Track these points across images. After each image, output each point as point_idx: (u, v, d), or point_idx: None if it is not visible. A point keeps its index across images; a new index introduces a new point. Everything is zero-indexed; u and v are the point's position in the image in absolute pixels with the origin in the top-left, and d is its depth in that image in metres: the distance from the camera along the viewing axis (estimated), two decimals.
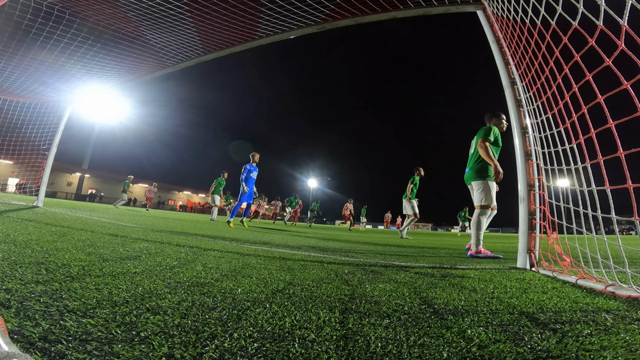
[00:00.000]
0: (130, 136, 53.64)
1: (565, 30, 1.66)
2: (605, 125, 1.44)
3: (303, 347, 0.70)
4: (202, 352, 0.64)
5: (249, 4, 3.43)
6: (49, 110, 6.61)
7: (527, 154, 2.47)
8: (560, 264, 2.03)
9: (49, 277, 1.10)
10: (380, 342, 0.75)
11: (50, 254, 1.52)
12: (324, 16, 3.62)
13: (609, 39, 1.32)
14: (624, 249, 1.43)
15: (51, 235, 2.21)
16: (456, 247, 4.86)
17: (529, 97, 2.37)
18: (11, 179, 26.73)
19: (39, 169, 6.56)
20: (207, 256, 1.97)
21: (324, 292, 1.23)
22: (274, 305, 1.00)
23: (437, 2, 3.14)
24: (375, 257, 2.60)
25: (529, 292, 1.40)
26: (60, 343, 0.63)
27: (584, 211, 1.65)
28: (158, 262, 1.62)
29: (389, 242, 5.31)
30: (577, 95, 1.66)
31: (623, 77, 1.31)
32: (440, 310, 1.04)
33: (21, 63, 4.83)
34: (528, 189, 2.40)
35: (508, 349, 0.73)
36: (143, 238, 2.69)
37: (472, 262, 2.59)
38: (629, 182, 1.34)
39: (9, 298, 0.85)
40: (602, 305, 1.20)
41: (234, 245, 2.75)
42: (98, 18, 3.94)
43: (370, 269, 1.90)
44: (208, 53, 4.70)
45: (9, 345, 0.49)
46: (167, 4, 3.46)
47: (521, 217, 2.39)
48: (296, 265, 1.86)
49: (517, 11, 2.21)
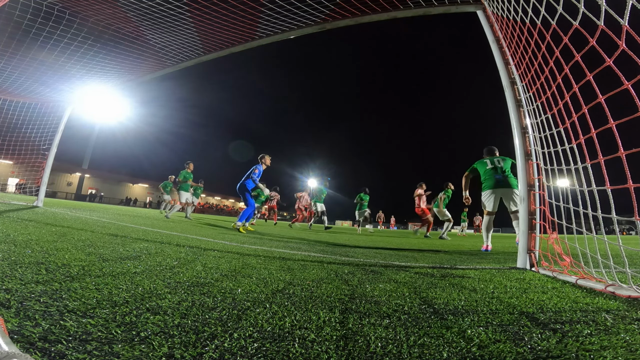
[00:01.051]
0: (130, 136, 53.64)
1: (565, 30, 1.66)
2: (606, 125, 1.44)
3: (303, 347, 0.70)
4: (202, 352, 0.64)
5: (249, 4, 3.43)
6: (49, 110, 6.61)
7: (527, 154, 2.47)
8: (560, 264, 2.03)
9: (49, 277, 1.10)
10: (380, 342, 0.75)
11: (50, 254, 1.52)
12: (324, 16, 3.62)
13: (609, 39, 1.32)
14: (624, 249, 1.43)
15: (51, 235, 2.21)
16: (456, 247, 4.86)
17: (529, 97, 2.37)
18: (11, 179, 26.74)
19: (39, 169, 6.55)
20: (207, 256, 1.97)
21: (324, 292, 1.23)
22: (274, 305, 1.00)
23: (437, 2, 3.14)
24: (375, 257, 2.60)
25: (529, 292, 1.40)
26: (60, 343, 0.63)
27: (584, 211, 1.65)
28: (158, 262, 1.62)
29: (389, 242, 5.31)
30: (577, 95, 1.66)
31: (624, 77, 1.31)
32: (440, 310, 1.04)
33: (21, 63, 4.83)
34: (528, 189, 2.40)
35: (508, 349, 0.73)
36: (143, 238, 2.69)
37: (472, 262, 2.59)
38: (629, 182, 1.34)
39: (9, 298, 0.85)
40: (602, 305, 1.20)
41: (234, 245, 2.75)
42: (98, 18, 3.94)
43: (370, 269, 1.90)
44: (208, 53, 4.70)
45: (9, 345, 0.49)
46: (167, 4, 3.45)
47: (521, 217, 2.39)
48: (296, 265, 1.86)
49: (517, 11, 2.21)
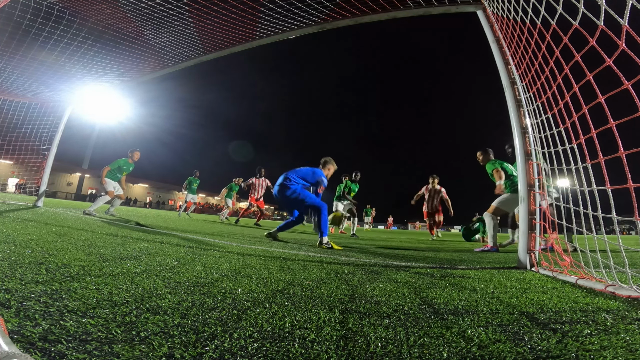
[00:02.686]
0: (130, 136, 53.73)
1: (565, 30, 1.66)
2: (606, 125, 1.44)
3: (303, 347, 0.70)
4: (202, 352, 0.64)
5: (249, 4, 3.42)
6: (49, 111, 6.61)
7: (527, 154, 2.47)
8: (560, 264, 2.03)
9: (49, 277, 1.10)
10: (380, 342, 0.75)
11: (50, 254, 1.52)
12: (324, 16, 3.62)
13: (609, 39, 1.32)
14: (624, 249, 1.43)
15: (51, 235, 2.21)
16: (456, 247, 4.86)
17: (529, 97, 2.37)
18: (11, 179, 26.72)
19: (39, 169, 6.55)
20: (207, 256, 1.97)
21: (324, 292, 1.23)
22: (274, 305, 1.00)
23: (437, 2, 3.14)
24: (375, 257, 2.60)
25: (529, 292, 1.40)
26: (60, 343, 0.63)
27: (584, 211, 1.65)
28: (158, 262, 1.62)
29: (388, 242, 5.30)
30: (577, 95, 1.66)
31: (624, 77, 1.31)
32: (440, 310, 1.04)
33: (21, 63, 4.83)
34: (528, 189, 2.40)
35: (508, 349, 0.73)
36: (143, 238, 2.69)
37: (472, 262, 2.59)
38: (629, 181, 1.34)
39: (9, 298, 0.85)
40: (602, 305, 1.20)
41: (234, 245, 2.75)
42: (98, 18, 3.94)
43: (370, 269, 1.90)
44: (208, 53, 4.70)
45: (9, 345, 0.49)
46: (167, 4, 3.45)
47: (521, 217, 2.38)
48: (296, 265, 1.86)
49: (517, 11, 2.20)
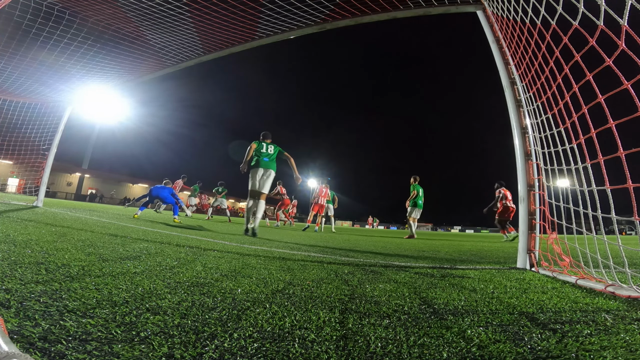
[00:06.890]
0: (130, 136, 53.69)
1: (565, 30, 1.66)
2: (605, 125, 1.44)
3: (303, 347, 0.70)
4: (202, 352, 0.64)
5: (249, 4, 3.42)
6: (49, 111, 6.60)
7: (527, 154, 2.47)
8: (560, 264, 2.03)
9: (49, 277, 1.10)
10: (380, 342, 0.75)
11: (50, 254, 1.51)
12: (324, 16, 3.62)
13: (609, 39, 1.32)
14: (623, 249, 1.43)
15: (51, 235, 2.21)
16: (456, 247, 4.85)
17: (529, 97, 2.37)
18: (11, 179, 26.71)
19: (39, 169, 6.55)
20: (207, 256, 1.97)
21: (324, 292, 1.23)
22: (274, 305, 1.00)
23: (437, 2, 3.14)
24: (375, 257, 2.60)
25: (529, 292, 1.40)
26: (60, 343, 0.63)
27: (584, 211, 1.65)
28: (158, 262, 1.62)
29: (388, 242, 5.31)
30: (577, 95, 1.66)
31: (624, 77, 1.31)
32: (440, 310, 1.04)
33: (21, 63, 4.83)
34: (528, 189, 2.40)
35: (508, 349, 0.73)
36: (143, 238, 2.69)
37: (472, 262, 2.59)
38: (629, 181, 1.34)
39: (9, 298, 0.85)
40: (602, 305, 1.20)
41: (234, 245, 2.75)
42: (98, 18, 3.94)
43: (370, 269, 1.90)
44: (208, 53, 4.69)
45: (9, 345, 0.49)
46: (167, 4, 3.45)
47: (521, 217, 2.39)
48: (296, 265, 1.86)
49: (517, 11, 2.21)
